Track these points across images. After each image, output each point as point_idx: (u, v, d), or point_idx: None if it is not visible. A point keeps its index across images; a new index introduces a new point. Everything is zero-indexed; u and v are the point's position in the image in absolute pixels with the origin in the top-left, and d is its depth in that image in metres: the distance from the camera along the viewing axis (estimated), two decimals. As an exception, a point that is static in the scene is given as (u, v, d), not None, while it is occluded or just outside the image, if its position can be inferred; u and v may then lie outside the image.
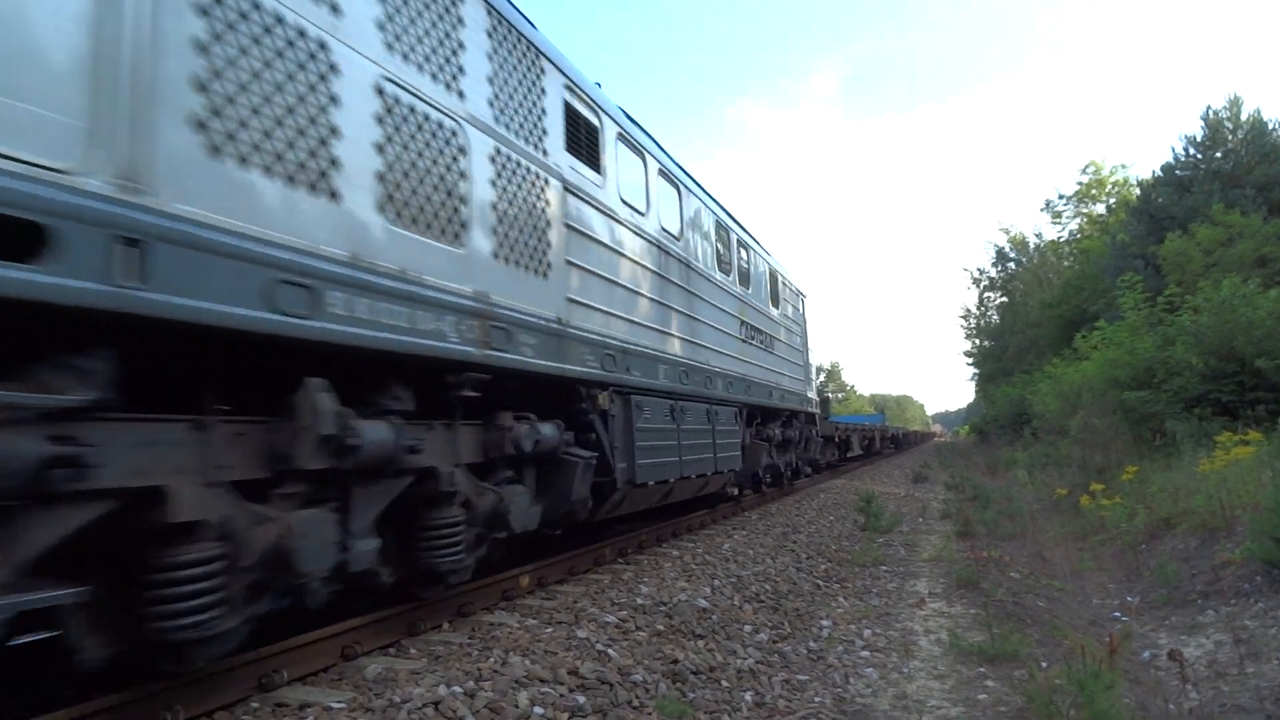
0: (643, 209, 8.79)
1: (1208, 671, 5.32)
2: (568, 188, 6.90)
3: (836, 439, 23.23)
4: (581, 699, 4.22)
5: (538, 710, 3.99)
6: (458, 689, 4.09)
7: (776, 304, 15.05)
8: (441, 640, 5.27)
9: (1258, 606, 6.25)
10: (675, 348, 9.23)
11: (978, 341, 63.74)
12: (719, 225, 11.85)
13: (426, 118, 5.01)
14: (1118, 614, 7.16)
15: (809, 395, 17.68)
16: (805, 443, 16.97)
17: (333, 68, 4.24)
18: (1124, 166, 47.90)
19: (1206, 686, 5.01)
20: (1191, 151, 30.41)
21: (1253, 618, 6.09)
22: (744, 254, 13.14)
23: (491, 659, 4.67)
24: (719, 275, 11.46)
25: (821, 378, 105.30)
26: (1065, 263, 48.84)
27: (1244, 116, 29.54)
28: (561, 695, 4.23)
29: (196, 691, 3.89)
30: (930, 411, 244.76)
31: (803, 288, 18.21)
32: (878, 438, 37.14)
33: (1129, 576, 8.39)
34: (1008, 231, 57.08)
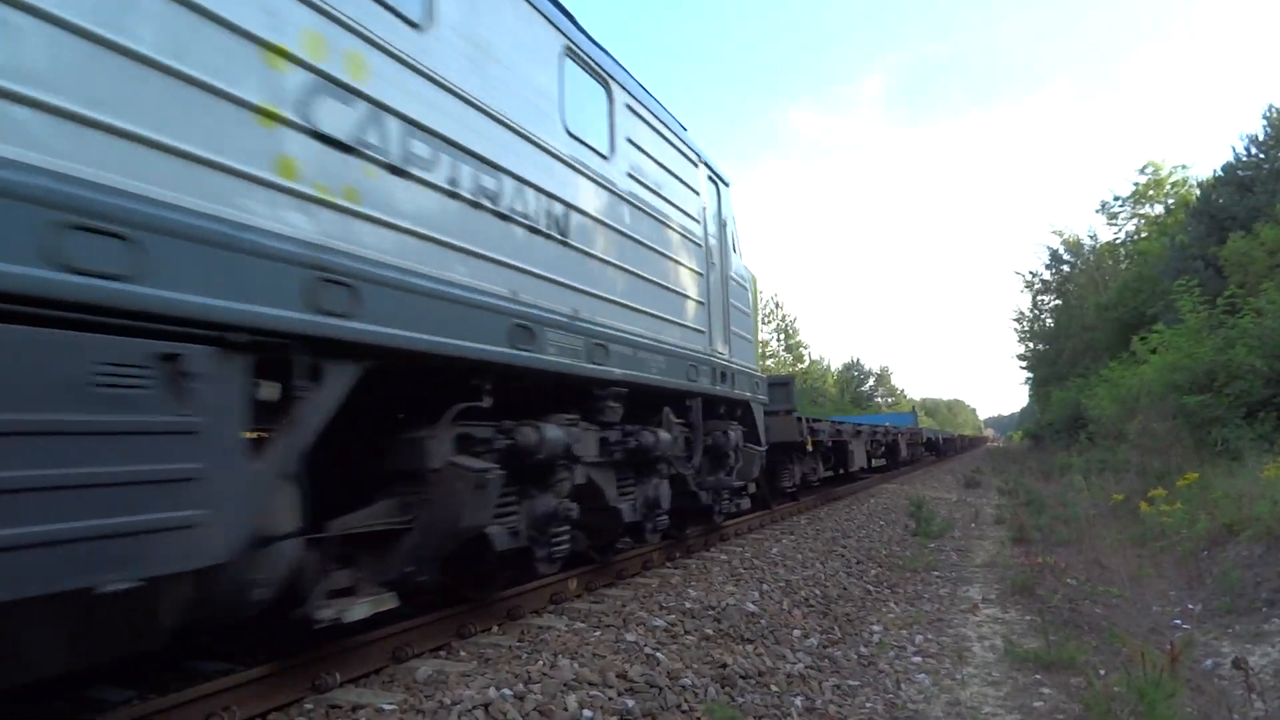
0: None
1: (1273, 681, 5.16)
2: None
3: (812, 446, 13.97)
4: (630, 702, 4.22)
5: (587, 713, 4.00)
6: (507, 691, 4.12)
7: (610, 151, 6.83)
8: (491, 643, 5.31)
9: (1326, 615, 6.06)
10: None
11: (1031, 345, 62.60)
12: None
13: None
14: (1179, 622, 6.98)
15: (733, 365, 9.30)
16: (718, 458, 9.00)
17: None
18: (1184, 167, 46.59)
19: (1272, 696, 4.86)
20: (1253, 151, 29.62)
21: (1321, 627, 5.91)
22: None
23: (540, 661, 4.69)
24: None
25: (870, 381, 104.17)
26: (1122, 265, 47.82)
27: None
28: (610, 698, 4.24)
29: (251, 692, 3.96)
30: (982, 416, 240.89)
31: (716, 167, 9.61)
32: (903, 443, 27.64)
33: (1190, 584, 8.18)
34: (1061, 234, 55.97)
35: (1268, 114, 29.30)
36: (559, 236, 5.76)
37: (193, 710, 3.68)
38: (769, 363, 71.97)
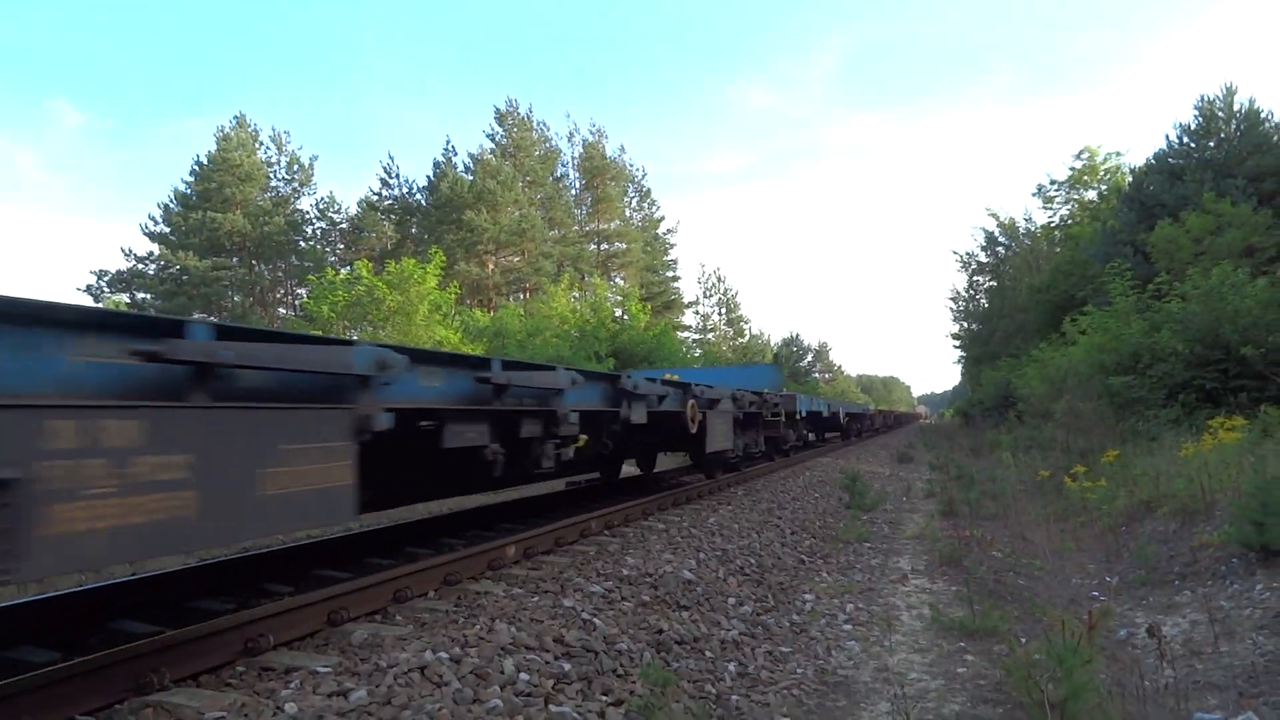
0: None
1: (1183, 650, 5.40)
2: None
3: None
4: (567, 666, 4.26)
5: (523, 676, 4.03)
6: (444, 654, 4.12)
7: None
8: (428, 608, 5.30)
9: (1233, 587, 6.35)
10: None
11: (965, 324, 63.90)
12: None
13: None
14: (1096, 593, 7.25)
15: None
16: None
17: None
18: (1119, 154, 47.66)
19: (1181, 664, 5.09)
20: (1185, 140, 30.39)
21: (1228, 598, 6.18)
22: None
23: (478, 626, 4.70)
24: None
25: (809, 357, 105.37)
26: (1056, 248, 48.91)
27: (1237, 106, 29.53)
28: (547, 662, 4.27)
29: (181, 654, 3.91)
30: (916, 393, 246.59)
31: None
32: (722, 424, 10.61)
33: (1109, 557, 8.49)
34: (996, 216, 57.03)
35: (1199, 104, 30.07)
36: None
37: (121, 671, 3.62)
38: (710, 336, 72.27)
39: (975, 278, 61.16)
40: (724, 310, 77.65)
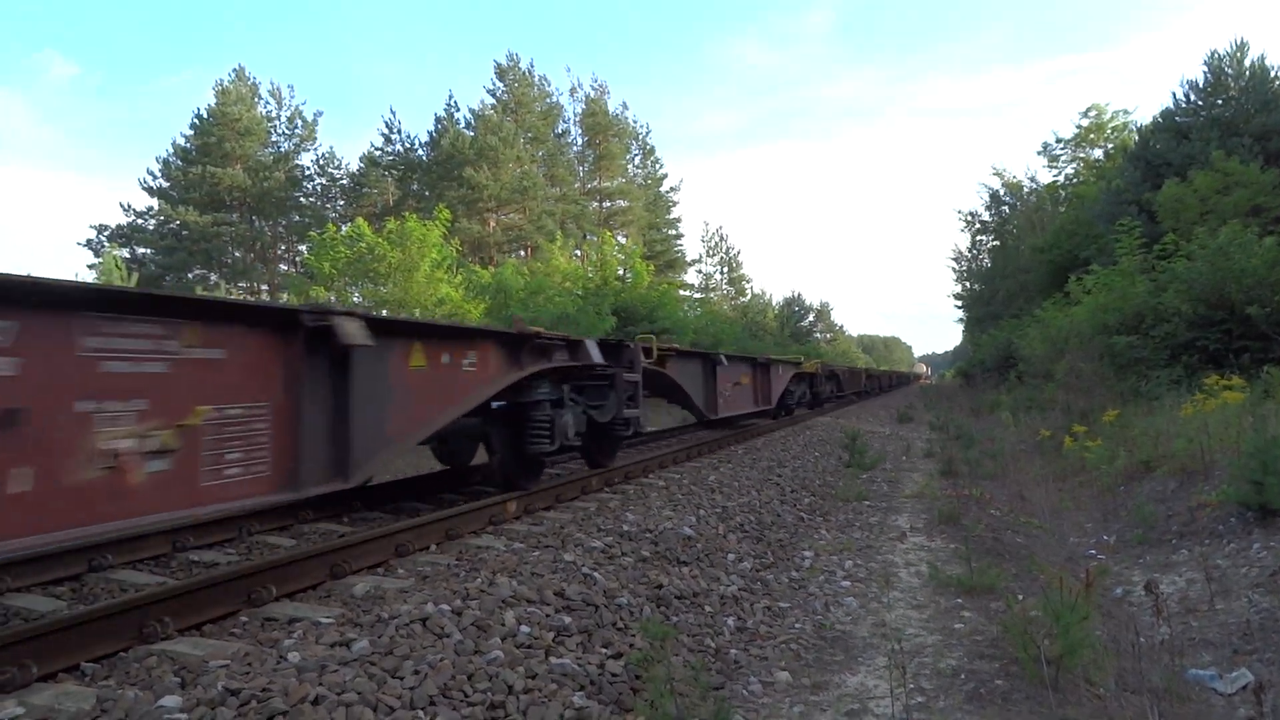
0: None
1: (1179, 607, 5.44)
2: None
3: None
4: (567, 619, 4.29)
5: (524, 629, 4.06)
6: (445, 607, 4.15)
7: None
8: (429, 561, 5.34)
9: (1230, 546, 6.38)
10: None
11: (968, 284, 63.64)
12: None
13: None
14: (1094, 552, 7.29)
15: None
16: None
17: None
18: (1126, 112, 47.06)
19: (1177, 621, 5.13)
20: (1192, 98, 29.98)
21: (1225, 557, 6.21)
22: None
23: (479, 579, 4.73)
24: None
25: (810, 317, 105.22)
26: (1060, 208, 48.53)
27: (1247, 62, 29.10)
28: (548, 615, 4.30)
29: (184, 604, 3.94)
30: (918, 354, 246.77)
31: None
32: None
33: (1106, 516, 8.53)
34: (1001, 175, 56.48)
35: (1209, 60, 29.63)
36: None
37: (125, 621, 3.65)
38: (711, 295, 72.16)
39: (978, 237, 60.81)
40: (726, 269, 77.36)
